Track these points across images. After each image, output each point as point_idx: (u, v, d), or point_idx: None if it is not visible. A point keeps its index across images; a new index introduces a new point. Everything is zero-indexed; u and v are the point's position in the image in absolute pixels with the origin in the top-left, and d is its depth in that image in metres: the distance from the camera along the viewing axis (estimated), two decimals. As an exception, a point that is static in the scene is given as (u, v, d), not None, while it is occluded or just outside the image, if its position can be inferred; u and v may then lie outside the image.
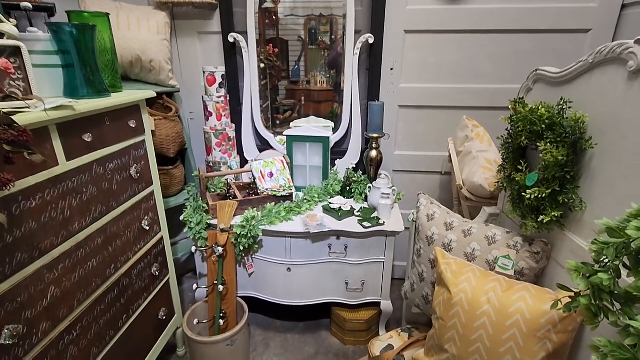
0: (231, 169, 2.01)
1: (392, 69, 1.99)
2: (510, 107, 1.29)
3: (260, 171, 1.83)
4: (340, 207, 1.77)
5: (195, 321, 1.67)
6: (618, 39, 1.83)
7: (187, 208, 1.76)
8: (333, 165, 2.12)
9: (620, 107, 0.93)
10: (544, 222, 1.12)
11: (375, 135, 1.90)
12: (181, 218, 1.72)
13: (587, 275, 0.82)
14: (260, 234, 1.66)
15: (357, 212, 1.81)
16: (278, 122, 2.19)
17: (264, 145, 2.18)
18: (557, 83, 1.20)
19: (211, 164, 2.01)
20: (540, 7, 1.81)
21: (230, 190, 1.85)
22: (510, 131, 1.33)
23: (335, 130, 2.10)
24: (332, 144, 2.04)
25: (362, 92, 2.04)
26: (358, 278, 1.78)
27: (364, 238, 1.70)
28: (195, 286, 1.71)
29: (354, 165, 2.11)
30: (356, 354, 1.84)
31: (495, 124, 1.80)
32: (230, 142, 2.01)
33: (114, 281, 1.25)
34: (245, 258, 1.75)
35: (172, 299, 1.66)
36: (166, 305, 1.60)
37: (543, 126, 1.10)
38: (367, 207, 1.87)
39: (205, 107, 1.93)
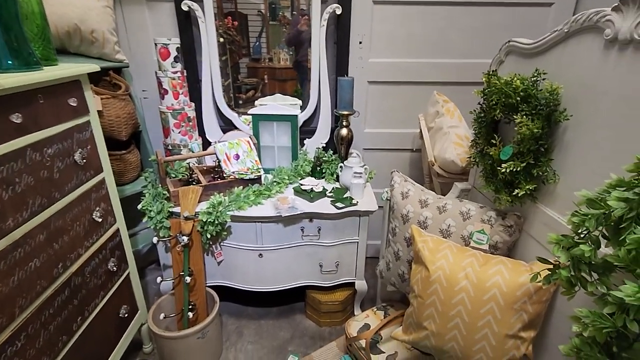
0: (192, 151, 1.87)
1: (360, 43, 1.91)
2: (483, 79, 1.26)
3: (225, 153, 1.71)
4: (311, 188, 1.71)
5: (162, 316, 1.56)
6: (579, 12, 1.86)
7: (145, 196, 1.61)
8: (302, 145, 2.04)
9: (596, 77, 0.92)
10: (519, 195, 1.13)
11: (345, 113, 1.83)
12: (139, 207, 1.57)
13: (568, 247, 0.81)
14: (229, 220, 1.56)
15: (329, 192, 1.75)
16: (240, 101, 2.05)
17: (227, 126, 2.04)
18: (530, 54, 1.18)
19: (170, 147, 1.85)
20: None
21: (193, 175, 1.72)
22: (483, 105, 1.31)
23: (303, 108, 2.00)
24: (300, 123, 1.95)
25: (330, 67, 1.94)
26: (332, 259, 1.74)
27: (337, 219, 1.65)
28: (159, 279, 1.59)
29: (324, 145, 2.04)
30: (332, 335, 1.83)
31: (465, 99, 1.79)
32: (190, 123, 1.86)
33: (64, 281, 1.11)
34: (213, 246, 1.65)
35: (134, 295, 1.54)
36: (127, 302, 1.47)
37: (518, 98, 1.09)
38: (339, 187, 1.82)
39: (160, 83, 1.75)
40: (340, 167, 1.83)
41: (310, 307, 1.90)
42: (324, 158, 1.93)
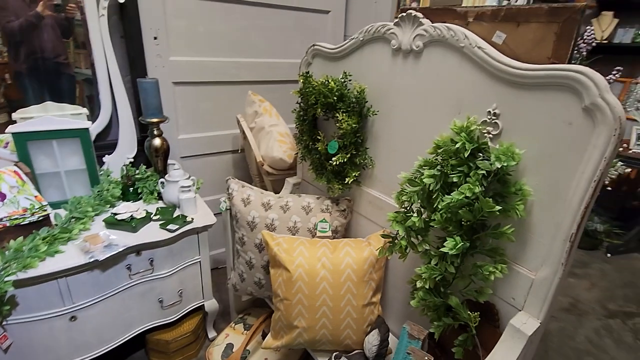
0: None
1: (156, 38, 1.66)
2: (300, 80, 1.34)
3: (-23, 195, 1.17)
4: (131, 215, 1.40)
5: None
6: (348, 21, 2.25)
7: None
8: (101, 163, 1.63)
9: (390, 78, 1.14)
10: (349, 183, 1.28)
11: (154, 120, 1.57)
12: None
13: (401, 220, 0.99)
14: (10, 289, 1.08)
15: (155, 215, 1.49)
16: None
17: (-34, 153, 1.39)
18: (334, 58, 1.33)
19: None
20: (292, -14, 1.95)
21: None
22: (301, 104, 1.40)
23: (93, 118, 1.59)
24: (93, 137, 1.54)
25: (123, 67, 1.61)
26: (174, 290, 1.52)
27: (172, 243, 1.44)
28: None
29: (132, 160, 1.70)
30: (189, 371, 1.62)
31: (275, 97, 1.89)
32: None
33: None
34: (-13, 332, 1.13)
35: None
36: None
37: (335, 98, 1.22)
38: (164, 205, 1.58)
39: None
40: (162, 182, 1.58)
41: (155, 351, 1.60)
42: (136, 176, 1.62)
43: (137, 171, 1.64)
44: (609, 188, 2.41)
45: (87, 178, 1.52)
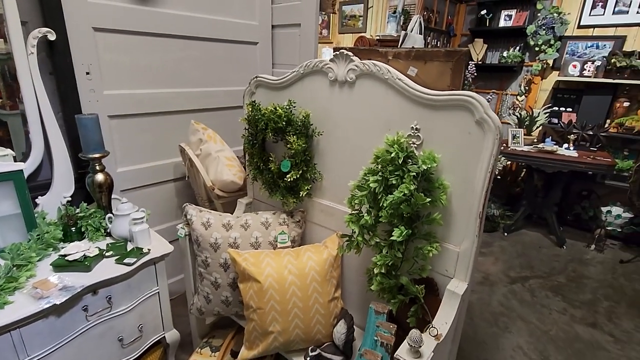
0: None
1: (88, 74, 1.65)
2: (248, 109, 1.48)
3: None
4: (84, 254, 1.36)
5: None
6: (275, 51, 2.45)
7: None
8: (35, 205, 1.53)
9: (329, 105, 1.35)
10: (302, 196, 1.45)
11: (97, 156, 1.55)
12: None
13: (356, 221, 1.19)
14: (-42, 351, 1.00)
15: (107, 252, 1.46)
16: None
17: None
18: (277, 88, 1.51)
19: None
20: (223, 20, 2.08)
21: None
22: (250, 129, 1.53)
23: (23, 158, 1.50)
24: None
25: (54, 103, 1.56)
26: (134, 325, 1.48)
27: (130, 277, 1.42)
28: None
29: (70, 199, 1.63)
30: (157, 408, 1.58)
31: (214, 123, 1.99)
32: None
33: None
34: None
35: None
36: None
37: (284, 123, 1.38)
38: (114, 241, 1.55)
39: None
40: (109, 218, 1.55)
41: (117, 395, 1.53)
42: (78, 214, 1.55)
43: (78, 209, 1.58)
44: (499, 177, 3.00)
45: (22, 223, 1.42)
